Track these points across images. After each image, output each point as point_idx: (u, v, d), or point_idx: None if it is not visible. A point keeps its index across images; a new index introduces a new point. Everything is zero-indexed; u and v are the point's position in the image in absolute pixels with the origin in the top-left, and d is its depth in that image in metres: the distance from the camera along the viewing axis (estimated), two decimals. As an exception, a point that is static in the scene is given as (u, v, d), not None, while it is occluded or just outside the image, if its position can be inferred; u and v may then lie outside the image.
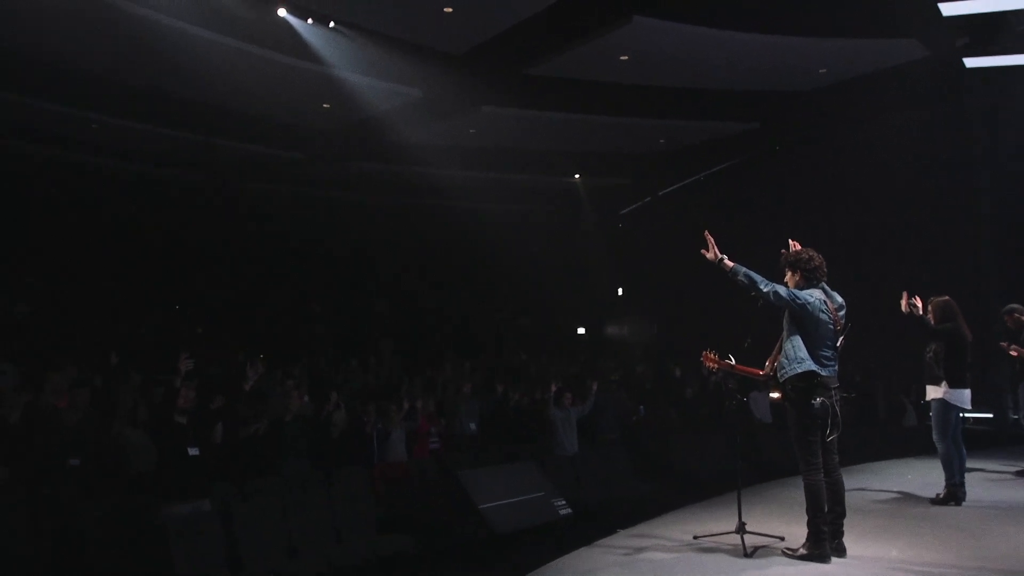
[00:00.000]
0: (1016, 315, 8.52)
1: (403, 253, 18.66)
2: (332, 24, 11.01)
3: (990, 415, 13.34)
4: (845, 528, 5.37)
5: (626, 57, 12.29)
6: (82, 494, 6.08)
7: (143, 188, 15.81)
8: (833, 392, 5.30)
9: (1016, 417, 12.65)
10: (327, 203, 17.99)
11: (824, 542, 5.18)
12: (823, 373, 5.25)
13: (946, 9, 9.42)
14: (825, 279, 5.49)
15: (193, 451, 6.32)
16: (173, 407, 6.58)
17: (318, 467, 7.61)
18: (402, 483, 7.84)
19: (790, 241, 5.63)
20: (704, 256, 5.32)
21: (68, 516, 5.70)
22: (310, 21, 10.87)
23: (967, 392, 7.21)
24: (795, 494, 7.26)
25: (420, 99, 13.42)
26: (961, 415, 7.42)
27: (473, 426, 9.69)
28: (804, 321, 5.27)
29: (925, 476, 8.37)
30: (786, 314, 5.36)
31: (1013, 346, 8.28)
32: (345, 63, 11.81)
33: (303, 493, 6.70)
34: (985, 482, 8.09)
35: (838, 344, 5.42)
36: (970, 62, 10.90)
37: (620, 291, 20.63)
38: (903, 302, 7.24)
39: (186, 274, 15.42)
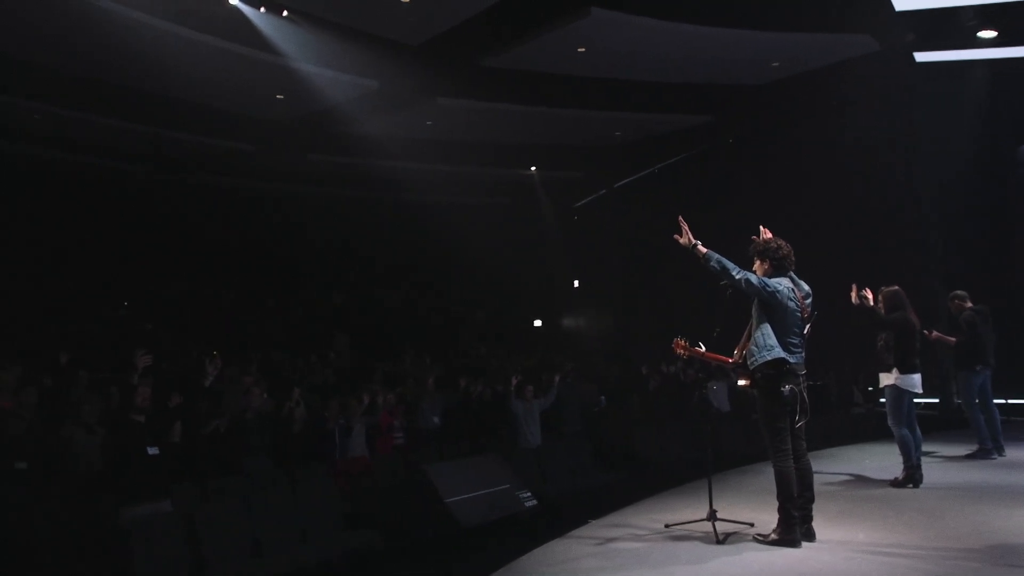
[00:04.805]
0: (957, 301, 8.89)
1: (359, 246, 18.44)
2: (285, 13, 10.79)
3: (935, 400, 13.73)
4: (813, 513, 5.44)
5: (583, 49, 12.30)
6: (32, 498, 5.84)
7: (90, 181, 15.33)
8: (801, 379, 5.36)
9: (960, 402, 13.06)
10: (280, 196, 17.68)
11: (795, 527, 5.24)
12: (791, 360, 5.30)
13: (899, 4, 9.62)
14: (793, 268, 5.55)
15: (153, 451, 6.11)
16: (130, 405, 6.36)
17: (280, 465, 7.46)
18: (366, 479, 7.74)
19: (761, 228, 5.66)
20: (677, 241, 5.31)
21: (19, 522, 5.47)
22: (263, 10, 10.63)
23: (917, 377, 7.42)
24: (759, 481, 7.40)
25: (376, 90, 13.25)
26: (914, 400, 7.60)
27: (437, 420, 9.61)
28: (773, 309, 5.32)
29: (881, 460, 8.61)
30: (755, 302, 5.39)
31: (934, 332, 8.53)
32: (299, 53, 11.59)
33: (267, 491, 6.55)
34: (939, 465, 8.32)
35: (805, 332, 5.49)
36: (920, 56, 11.17)
37: (576, 283, 20.72)
38: (852, 294, 7.39)
39: (135, 270, 14.99)
